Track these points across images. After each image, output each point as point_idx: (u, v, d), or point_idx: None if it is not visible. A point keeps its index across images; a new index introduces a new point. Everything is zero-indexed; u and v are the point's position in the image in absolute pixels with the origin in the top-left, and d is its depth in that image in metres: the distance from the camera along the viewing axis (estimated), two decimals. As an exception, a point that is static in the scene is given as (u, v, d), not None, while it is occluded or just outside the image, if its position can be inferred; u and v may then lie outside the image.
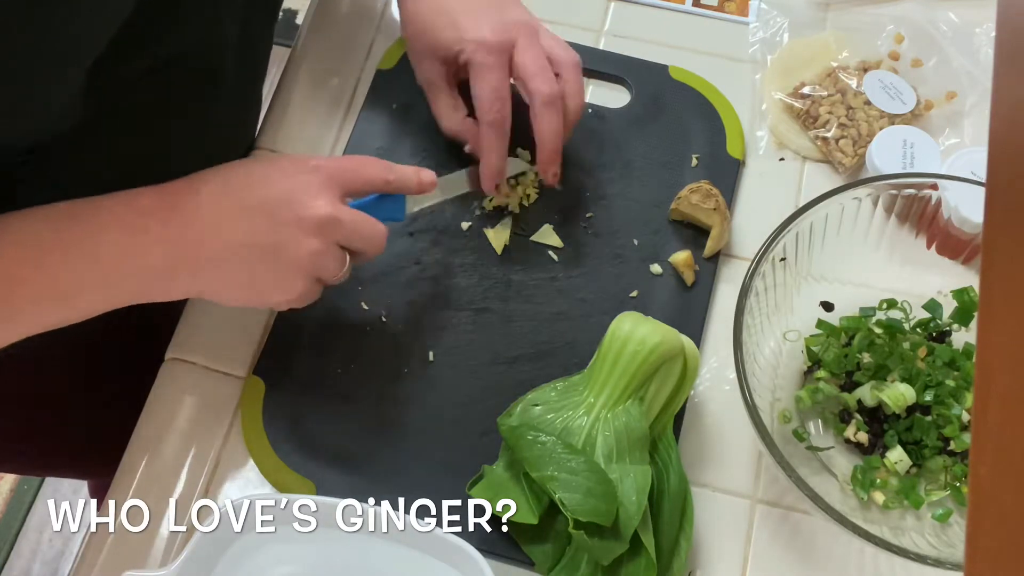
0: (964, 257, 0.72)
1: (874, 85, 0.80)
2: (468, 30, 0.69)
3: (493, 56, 0.68)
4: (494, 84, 0.68)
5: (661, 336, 0.63)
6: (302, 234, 0.59)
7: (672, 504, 0.62)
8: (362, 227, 0.62)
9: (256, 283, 0.60)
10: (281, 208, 0.58)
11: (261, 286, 0.60)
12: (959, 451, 0.65)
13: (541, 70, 0.69)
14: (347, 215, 0.60)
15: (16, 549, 1.53)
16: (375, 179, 0.64)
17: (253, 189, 0.59)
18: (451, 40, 0.70)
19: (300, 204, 0.59)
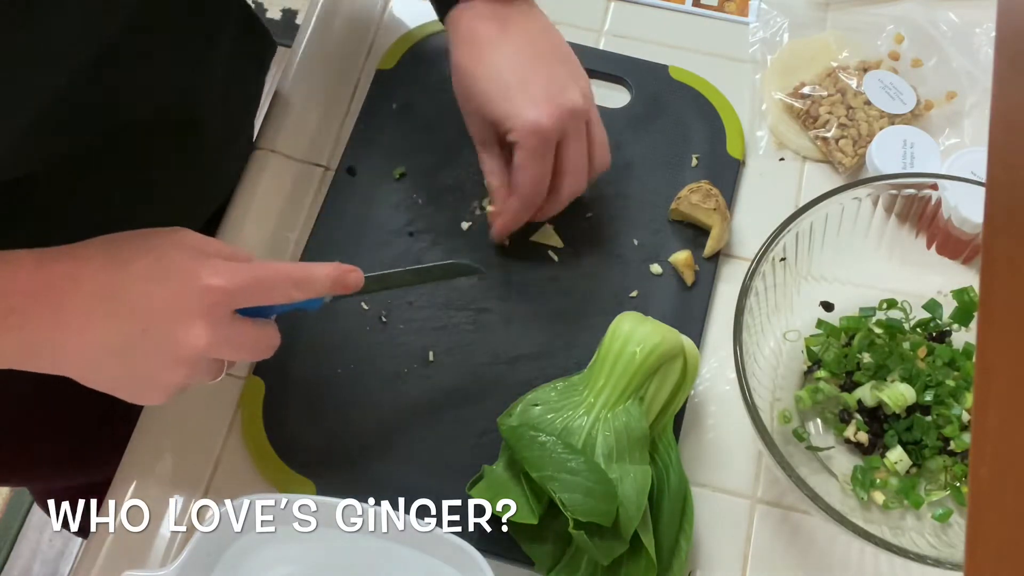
0: (964, 257, 0.72)
1: (874, 85, 0.80)
2: (522, 109, 0.65)
3: (544, 144, 0.65)
4: (538, 174, 0.67)
5: (661, 336, 0.63)
6: (171, 362, 0.54)
7: (672, 504, 0.62)
8: (244, 344, 0.56)
9: (117, 389, 0.56)
10: (156, 329, 0.53)
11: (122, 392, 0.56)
12: (959, 451, 0.65)
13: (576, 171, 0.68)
14: (227, 337, 0.54)
15: (16, 549, 1.53)
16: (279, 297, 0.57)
17: (134, 298, 0.53)
18: (502, 114, 0.66)
19: (177, 330, 0.53)
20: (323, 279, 0.58)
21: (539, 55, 0.68)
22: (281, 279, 0.56)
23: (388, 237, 0.75)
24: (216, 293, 0.54)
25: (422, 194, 0.77)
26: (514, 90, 0.66)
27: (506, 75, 0.66)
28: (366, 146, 0.79)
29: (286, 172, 0.79)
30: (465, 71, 0.68)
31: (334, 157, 0.79)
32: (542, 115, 0.64)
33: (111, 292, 0.53)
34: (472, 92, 0.68)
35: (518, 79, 0.66)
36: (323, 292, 0.58)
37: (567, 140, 0.66)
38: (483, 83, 0.67)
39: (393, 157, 0.78)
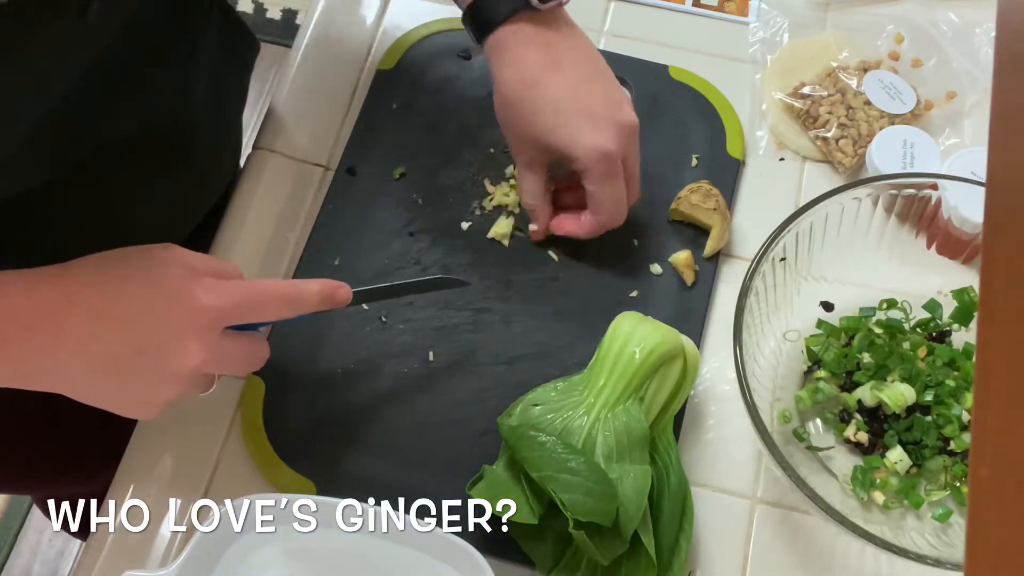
0: (964, 257, 0.72)
1: (874, 85, 0.80)
2: (587, 136, 0.66)
3: (613, 166, 0.67)
4: (617, 194, 0.68)
5: (661, 336, 0.63)
6: (163, 380, 0.55)
7: (672, 504, 0.62)
8: (235, 360, 0.58)
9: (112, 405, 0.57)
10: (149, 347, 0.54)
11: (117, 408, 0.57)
12: (959, 451, 0.65)
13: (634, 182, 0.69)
14: (219, 353, 0.55)
15: (16, 549, 1.53)
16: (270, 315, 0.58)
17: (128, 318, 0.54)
18: (566, 143, 0.66)
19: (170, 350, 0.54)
20: (313, 296, 0.59)
21: (589, 78, 0.69)
22: (271, 298, 0.57)
23: (388, 237, 0.75)
24: (209, 313, 0.54)
25: (422, 194, 0.77)
26: (575, 118, 0.66)
27: (564, 104, 0.67)
28: (366, 146, 0.79)
29: (286, 172, 0.79)
30: (518, 103, 0.68)
31: (334, 157, 0.79)
32: (608, 140, 0.66)
33: (105, 312, 0.53)
34: (528, 122, 0.68)
35: (576, 107, 0.67)
36: (313, 309, 0.60)
37: (627, 158, 0.68)
38: (540, 114, 0.67)
39: (393, 157, 0.78)
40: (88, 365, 0.53)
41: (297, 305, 0.59)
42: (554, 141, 0.67)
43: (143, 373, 0.54)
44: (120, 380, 0.55)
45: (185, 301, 0.54)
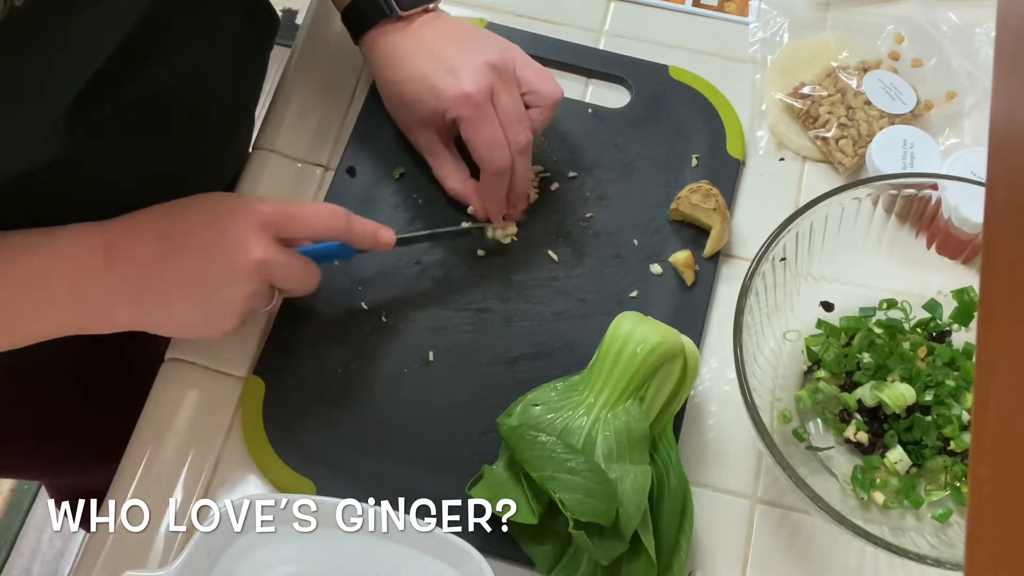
0: (964, 257, 0.72)
1: (874, 85, 0.80)
2: (446, 89, 0.68)
3: (478, 107, 0.67)
4: (489, 135, 0.68)
5: (661, 336, 0.63)
6: (233, 280, 0.60)
7: (672, 504, 0.62)
8: (293, 271, 0.63)
9: (190, 322, 0.62)
10: (216, 253, 0.60)
11: (196, 325, 0.63)
12: (959, 451, 0.65)
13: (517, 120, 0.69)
14: (279, 260, 0.61)
15: (16, 549, 1.53)
16: (322, 230, 0.64)
17: (192, 233, 0.60)
18: (434, 104, 0.69)
19: (234, 249, 0.60)
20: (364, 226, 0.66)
21: (446, 39, 0.71)
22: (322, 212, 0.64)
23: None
24: (262, 215, 0.61)
25: (422, 194, 0.77)
26: (433, 75, 0.69)
27: (423, 68, 0.69)
28: (366, 146, 0.79)
29: (286, 172, 0.79)
30: (391, 85, 0.72)
31: (334, 157, 0.79)
32: (468, 83, 0.67)
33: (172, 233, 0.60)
34: (403, 101, 0.72)
35: (433, 66, 0.69)
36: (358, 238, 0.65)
37: (497, 95, 0.68)
38: (409, 86, 0.70)
39: (393, 157, 0.78)
40: (165, 282, 0.59)
41: (343, 227, 0.64)
42: (424, 106, 0.70)
43: (215, 277, 0.60)
44: (196, 292, 0.60)
45: (240, 209, 0.61)
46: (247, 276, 0.60)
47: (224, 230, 0.60)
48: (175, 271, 0.59)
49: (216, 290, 0.61)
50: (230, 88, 0.73)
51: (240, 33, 0.72)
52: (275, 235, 0.62)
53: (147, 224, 0.60)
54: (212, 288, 0.60)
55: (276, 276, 0.62)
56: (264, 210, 0.61)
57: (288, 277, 0.63)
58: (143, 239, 0.59)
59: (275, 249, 0.61)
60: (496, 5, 0.86)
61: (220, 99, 0.72)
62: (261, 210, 0.61)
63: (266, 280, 0.62)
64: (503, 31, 0.83)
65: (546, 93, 0.71)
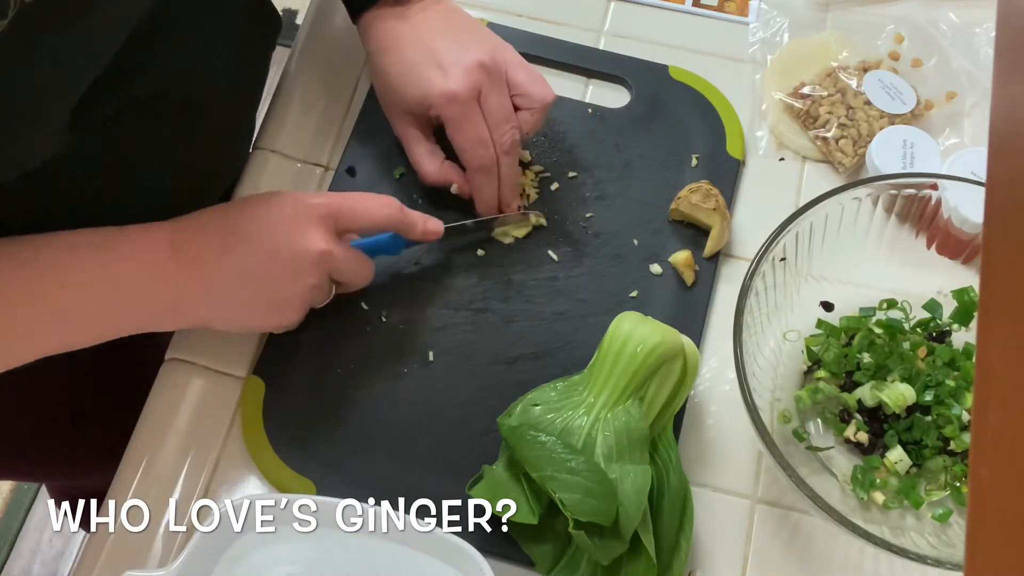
0: (964, 257, 0.72)
1: (874, 85, 0.80)
2: (434, 84, 0.68)
3: (464, 107, 0.68)
4: (472, 134, 0.69)
5: (661, 336, 0.63)
6: (298, 271, 0.62)
7: (672, 504, 0.62)
8: (352, 264, 0.65)
9: (256, 315, 0.65)
10: (280, 246, 0.61)
11: (261, 317, 0.65)
12: (959, 451, 0.65)
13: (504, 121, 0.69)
14: (339, 252, 0.63)
15: (16, 549, 1.53)
16: (380, 219, 0.66)
17: (253, 228, 0.62)
18: (419, 97, 0.70)
19: (297, 242, 0.62)
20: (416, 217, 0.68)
21: (442, 31, 0.71)
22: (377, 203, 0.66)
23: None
24: (321, 207, 0.63)
25: (422, 194, 0.77)
26: (423, 69, 0.69)
27: (415, 58, 0.70)
28: (366, 146, 0.79)
29: (286, 172, 0.79)
30: (379, 73, 0.73)
31: (334, 157, 0.79)
32: (455, 83, 0.68)
33: (233, 229, 0.62)
34: (389, 86, 0.72)
35: (425, 58, 0.69)
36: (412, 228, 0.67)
37: (484, 95, 0.69)
38: (397, 74, 0.71)
39: (393, 157, 0.78)
40: (230, 275, 0.61)
41: (400, 215, 0.66)
42: (410, 96, 0.70)
43: (279, 268, 0.62)
44: (260, 283, 0.62)
45: (297, 203, 0.63)
46: (311, 268, 0.62)
47: (286, 224, 0.62)
48: (242, 266, 0.61)
49: (281, 283, 0.62)
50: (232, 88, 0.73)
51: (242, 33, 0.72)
52: (334, 228, 0.63)
53: (209, 221, 0.62)
54: (277, 281, 0.62)
55: (337, 268, 0.64)
56: (323, 203, 0.63)
57: (348, 269, 0.65)
58: (207, 235, 0.61)
59: (336, 242, 0.63)
60: (496, 5, 0.86)
61: (222, 99, 0.72)
62: (320, 203, 0.63)
63: (327, 272, 0.63)
64: (503, 31, 0.83)
65: (537, 96, 0.71)
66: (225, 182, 0.79)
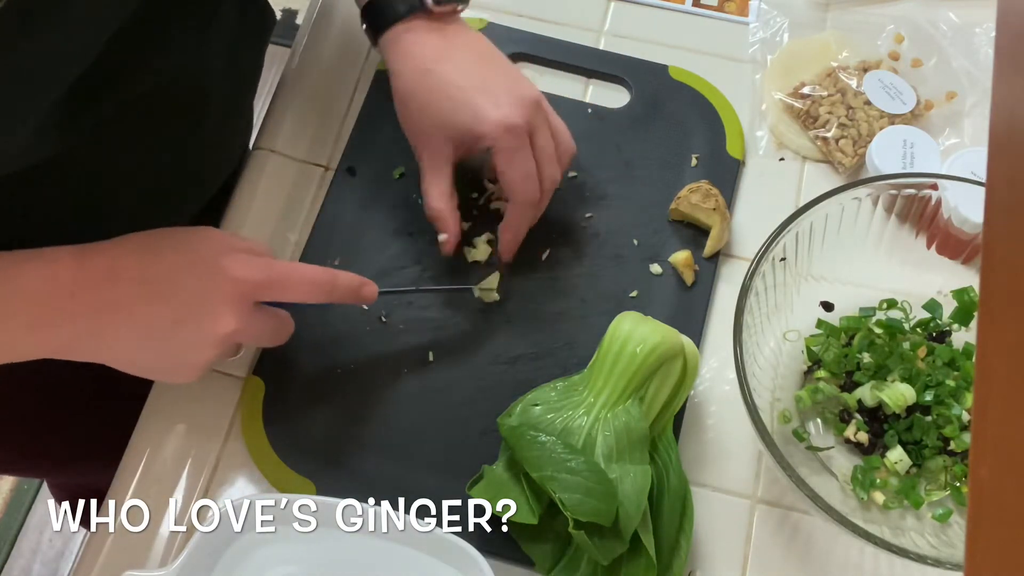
0: (964, 257, 0.72)
1: (874, 85, 0.80)
2: (489, 111, 0.65)
3: (520, 138, 0.66)
4: (525, 168, 0.66)
5: (661, 336, 0.63)
6: (200, 344, 0.59)
7: (672, 504, 0.62)
8: (263, 332, 0.62)
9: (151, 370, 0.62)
10: (188, 315, 0.58)
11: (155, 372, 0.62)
12: (959, 451, 0.65)
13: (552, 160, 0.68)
14: (250, 326, 0.60)
15: (16, 549, 1.53)
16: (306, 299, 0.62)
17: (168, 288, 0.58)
18: (469, 122, 0.66)
19: (206, 316, 0.58)
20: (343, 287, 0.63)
21: (485, 59, 0.69)
22: (303, 280, 0.62)
23: (388, 237, 0.75)
24: (243, 285, 0.59)
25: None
26: (474, 95, 0.66)
27: (461, 84, 0.66)
28: (366, 146, 0.79)
29: (286, 172, 0.79)
30: (415, 92, 0.68)
31: (334, 157, 0.79)
32: (512, 112, 0.65)
33: (146, 280, 0.58)
34: (426, 110, 0.67)
35: (474, 86, 0.66)
36: (341, 300, 0.64)
37: (535, 132, 0.67)
38: (439, 95, 0.67)
39: (393, 157, 0.78)
40: (131, 330, 0.58)
41: (327, 291, 0.63)
42: (457, 121, 0.66)
43: (181, 338, 0.59)
44: (160, 345, 0.59)
45: (220, 272, 0.59)
46: (213, 344, 0.59)
47: (200, 294, 0.58)
48: (142, 321, 0.58)
49: (180, 350, 0.59)
50: (226, 86, 0.73)
51: (236, 31, 0.72)
52: (253, 300, 0.60)
53: (122, 267, 0.58)
54: (176, 347, 0.59)
55: (245, 340, 0.61)
56: (247, 278, 0.59)
57: (258, 337, 0.62)
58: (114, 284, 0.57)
59: (249, 316, 0.59)
60: (496, 5, 0.86)
61: (216, 97, 0.72)
62: (243, 278, 0.59)
63: (231, 346, 0.61)
64: (503, 31, 0.83)
65: (566, 146, 0.71)
66: (220, 177, 0.79)
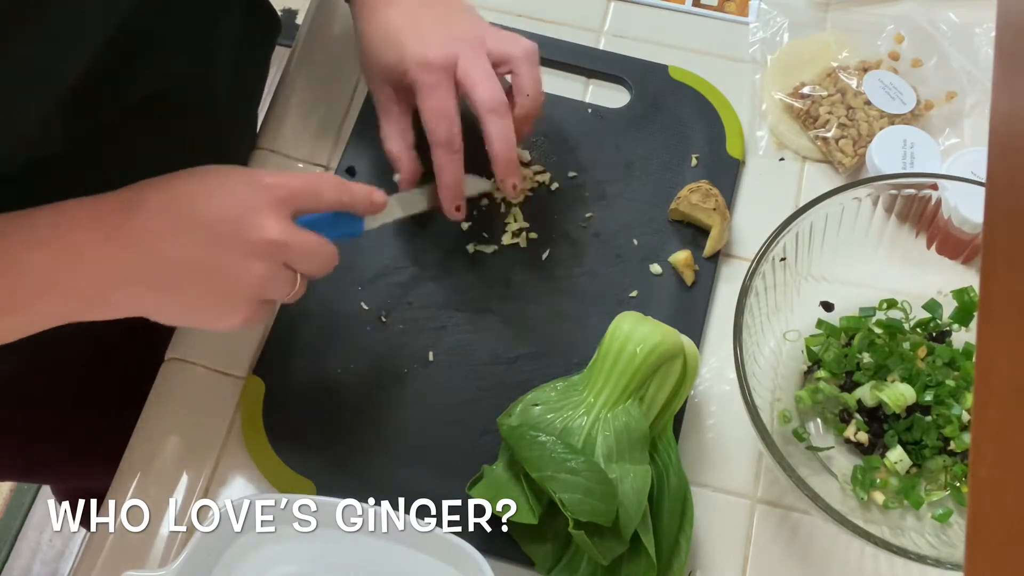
0: (964, 257, 0.72)
1: (874, 85, 0.80)
2: (410, 50, 0.66)
3: (435, 74, 0.65)
4: (437, 103, 0.66)
5: (661, 336, 0.63)
6: (247, 257, 0.55)
7: (672, 504, 0.62)
8: (311, 249, 0.58)
9: (198, 307, 0.57)
10: (226, 229, 0.54)
11: (203, 310, 0.57)
12: (959, 451, 0.65)
13: (483, 78, 0.66)
14: (296, 237, 0.56)
15: (16, 549, 1.53)
16: (329, 199, 0.60)
17: (198, 206, 0.55)
18: (395, 62, 0.67)
19: (247, 225, 0.55)
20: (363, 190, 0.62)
21: (429, 4, 0.69)
22: (330, 183, 0.60)
23: (388, 237, 0.75)
24: (277, 189, 0.56)
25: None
26: (403, 35, 0.67)
27: (395, 25, 0.68)
28: (366, 146, 0.79)
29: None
30: (364, 34, 0.70)
31: (334, 157, 0.79)
32: (432, 50, 0.65)
33: (177, 206, 0.54)
34: (369, 51, 0.69)
35: (408, 26, 0.67)
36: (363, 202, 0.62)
37: (460, 62, 0.66)
38: (378, 39, 0.68)
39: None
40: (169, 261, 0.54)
41: (349, 195, 0.60)
42: (386, 61, 0.68)
43: (224, 255, 0.54)
44: (201, 275, 0.54)
45: (253, 183, 0.56)
46: (260, 254, 0.55)
47: (236, 203, 0.55)
48: (179, 251, 0.54)
49: (225, 270, 0.55)
50: (231, 88, 0.73)
51: (241, 35, 0.72)
52: (292, 211, 0.57)
53: (149, 195, 0.54)
54: (220, 268, 0.55)
55: (293, 256, 0.57)
56: (281, 183, 0.56)
57: (306, 257, 0.57)
58: (143, 214, 0.54)
59: (293, 228, 0.56)
60: (496, 5, 0.86)
61: (222, 99, 0.72)
62: (277, 183, 0.56)
63: (281, 262, 0.56)
64: (503, 31, 0.83)
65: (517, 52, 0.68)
66: None
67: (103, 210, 0.54)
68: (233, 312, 0.57)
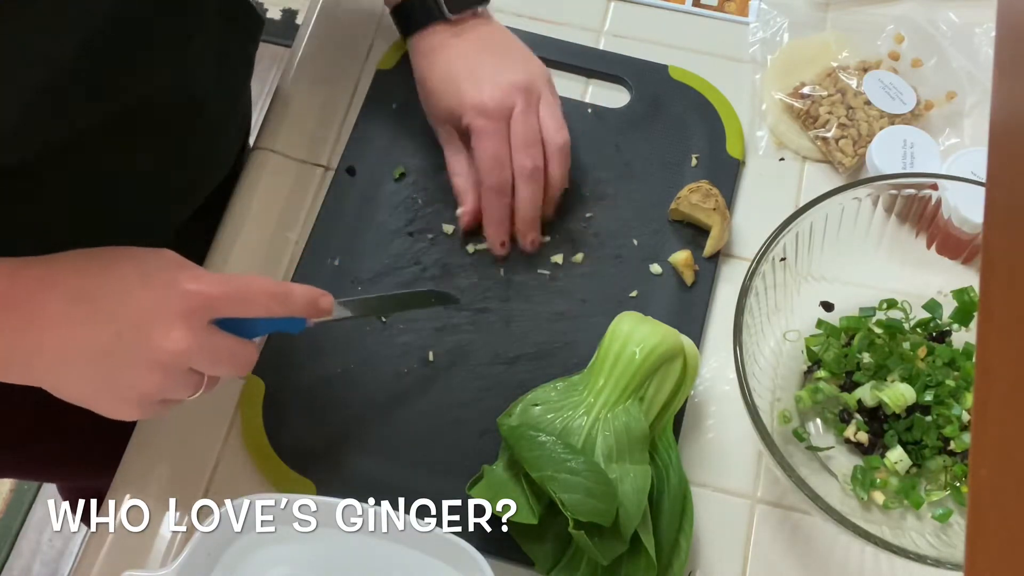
0: (964, 257, 0.72)
1: (874, 85, 0.80)
2: (467, 95, 0.70)
3: (491, 122, 0.69)
4: (492, 150, 0.70)
5: (661, 336, 0.63)
6: (146, 365, 0.52)
7: (672, 504, 0.62)
8: (222, 355, 0.55)
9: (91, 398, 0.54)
10: (131, 336, 0.52)
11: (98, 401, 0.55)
12: (959, 451, 0.65)
13: (526, 144, 0.70)
14: (205, 344, 0.53)
15: (16, 549, 1.53)
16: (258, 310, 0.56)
17: (110, 301, 0.52)
18: (453, 107, 0.71)
19: (152, 335, 0.52)
20: (298, 298, 0.58)
21: (486, 49, 0.73)
22: (259, 292, 0.56)
23: (388, 237, 0.75)
24: (196, 298, 0.53)
25: (422, 194, 0.77)
26: (462, 81, 0.71)
27: (455, 71, 0.72)
28: (366, 146, 0.79)
29: (286, 172, 0.79)
30: (423, 79, 0.75)
31: (334, 157, 0.79)
32: (484, 95, 0.70)
33: (87, 295, 0.52)
34: (430, 94, 0.74)
35: (466, 72, 0.72)
36: (299, 312, 0.58)
37: (514, 115, 0.70)
38: (439, 82, 0.73)
39: (393, 157, 0.78)
40: (65, 350, 0.52)
41: (285, 303, 0.57)
42: (446, 105, 0.72)
43: (122, 358, 0.52)
44: (99, 368, 0.52)
45: (171, 286, 0.53)
46: (159, 368, 0.52)
47: (149, 307, 0.52)
48: (79, 338, 0.51)
49: (121, 373, 0.52)
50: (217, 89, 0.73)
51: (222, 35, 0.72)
52: (208, 318, 0.54)
53: (61, 277, 0.52)
54: (116, 369, 0.52)
55: (202, 363, 0.54)
56: (200, 291, 0.53)
57: (218, 361, 0.54)
58: (53, 295, 0.52)
59: (203, 335, 0.53)
60: (496, 5, 0.86)
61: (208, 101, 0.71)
62: (197, 291, 0.53)
63: (183, 369, 0.53)
64: (503, 31, 0.83)
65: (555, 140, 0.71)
66: (217, 178, 0.79)
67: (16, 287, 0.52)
68: (126, 411, 0.55)
